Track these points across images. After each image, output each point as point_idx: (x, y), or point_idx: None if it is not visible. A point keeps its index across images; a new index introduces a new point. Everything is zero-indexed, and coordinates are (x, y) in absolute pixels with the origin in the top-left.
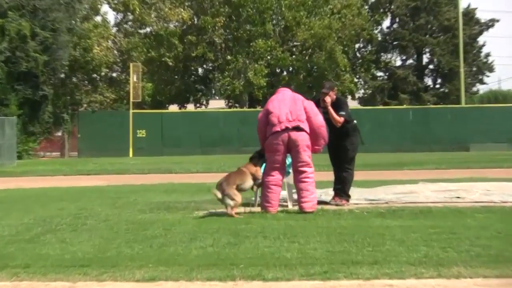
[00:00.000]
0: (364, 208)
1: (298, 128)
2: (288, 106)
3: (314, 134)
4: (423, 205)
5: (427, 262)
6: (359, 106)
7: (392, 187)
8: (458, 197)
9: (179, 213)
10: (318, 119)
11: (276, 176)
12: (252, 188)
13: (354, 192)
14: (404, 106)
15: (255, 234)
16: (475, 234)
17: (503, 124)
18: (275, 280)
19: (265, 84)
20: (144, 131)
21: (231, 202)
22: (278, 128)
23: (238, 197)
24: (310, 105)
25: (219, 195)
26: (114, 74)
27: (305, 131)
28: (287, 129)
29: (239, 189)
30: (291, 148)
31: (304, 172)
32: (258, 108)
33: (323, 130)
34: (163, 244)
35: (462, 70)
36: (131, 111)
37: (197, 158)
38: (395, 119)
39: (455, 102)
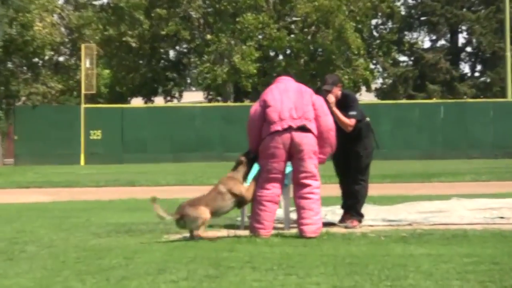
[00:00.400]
0: (381, 231)
1: (304, 129)
2: (292, 99)
3: (320, 139)
4: (456, 228)
5: None
6: (376, 100)
7: (417, 205)
8: (502, 217)
9: (144, 237)
10: (328, 120)
11: (272, 190)
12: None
13: (368, 210)
14: (434, 100)
15: (241, 265)
16: None
17: None
18: None
19: (255, 71)
20: (99, 131)
21: (194, 223)
22: (278, 127)
23: (204, 213)
24: (320, 102)
25: (167, 216)
26: (61, 59)
27: (313, 133)
28: (290, 129)
29: (217, 215)
30: (293, 153)
31: (307, 186)
32: (247, 103)
33: (332, 135)
34: (124, 277)
35: (508, 54)
36: (82, 106)
37: (167, 167)
38: (423, 116)
39: (499, 95)
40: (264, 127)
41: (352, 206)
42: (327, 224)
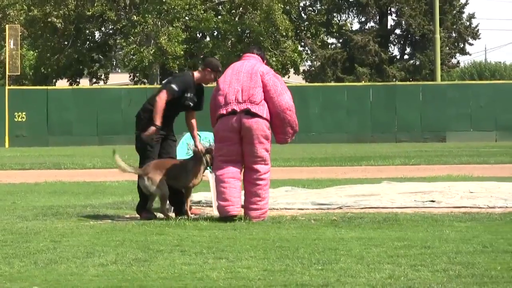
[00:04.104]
0: (311, 215)
1: (249, 113)
2: (241, 81)
3: (278, 120)
4: (387, 211)
5: (392, 284)
6: (304, 83)
7: (347, 188)
8: (433, 201)
9: (71, 220)
10: (283, 100)
11: (231, 168)
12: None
13: (298, 193)
14: (363, 83)
15: (170, 248)
16: (455, 249)
17: (490, 106)
18: None
19: (182, 52)
20: (24, 113)
21: (156, 190)
22: (223, 111)
23: (165, 188)
24: (273, 81)
25: (129, 169)
26: None
27: (260, 117)
28: (236, 113)
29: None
30: (244, 138)
31: (257, 171)
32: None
33: (290, 114)
34: (52, 261)
35: (437, 36)
36: (6, 87)
37: (93, 150)
38: (351, 99)
39: (428, 78)
40: (214, 110)
41: None
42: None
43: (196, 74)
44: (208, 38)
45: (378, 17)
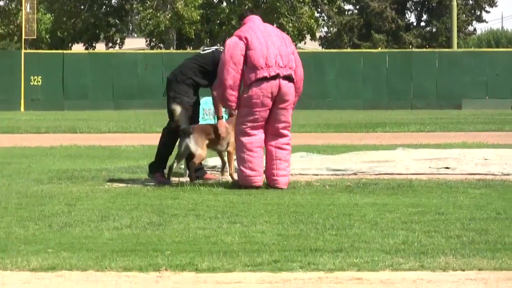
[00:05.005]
0: (325, 181)
1: (289, 78)
2: (276, 45)
3: (294, 88)
4: (402, 178)
5: (406, 250)
6: (320, 49)
7: (362, 154)
8: (447, 168)
9: (86, 184)
10: (301, 69)
11: (259, 135)
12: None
13: (313, 159)
14: (379, 50)
15: (185, 212)
16: (468, 215)
17: (506, 74)
18: (211, 271)
19: (198, 18)
20: (39, 77)
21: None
22: (265, 73)
23: (204, 151)
24: (296, 51)
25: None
26: (1, 3)
27: (294, 83)
28: (277, 77)
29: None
30: (276, 103)
31: (285, 136)
32: (189, 50)
33: (302, 84)
34: (66, 224)
35: (454, 3)
36: (23, 51)
37: (109, 114)
38: (367, 66)
39: (445, 45)
40: (246, 72)
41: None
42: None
43: None
44: (224, 4)
45: None
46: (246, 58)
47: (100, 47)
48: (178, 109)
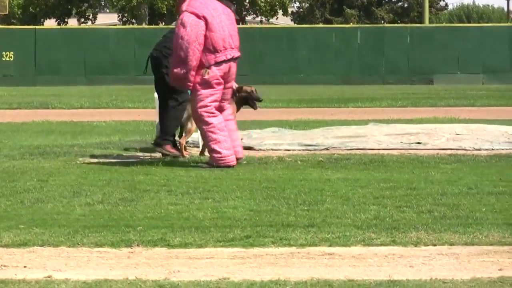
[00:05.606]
0: (297, 156)
1: (236, 59)
2: (227, 25)
3: None
4: (373, 153)
5: (378, 225)
6: (292, 24)
7: (334, 130)
8: (419, 143)
9: (58, 160)
10: None
11: (222, 114)
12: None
13: (285, 134)
14: (351, 25)
15: (157, 188)
16: (440, 190)
17: (477, 49)
18: (183, 246)
19: None
20: (11, 53)
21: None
22: (224, 57)
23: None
24: None
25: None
26: None
27: None
28: (232, 59)
29: None
30: (224, 82)
31: (229, 110)
32: (161, 26)
33: None
34: (38, 200)
35: None
36: None
37: (81, 90)
38: (339, 41)
39: (416, 20)
40: (203, 53)
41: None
42: (244, 148)
43: None
44: None
45: None
46: (204, 39)
47: (72, 22)
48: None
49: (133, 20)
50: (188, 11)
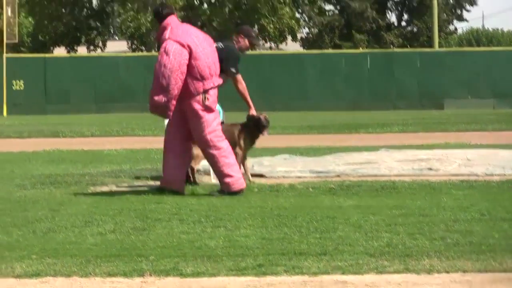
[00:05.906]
0: (309, 183)
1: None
2: (210, 53)
3: None
4: (385, 179)
5: (390, 252)
6: (301, 50)
7: (345, 156)
8: (431, 169)
9: (69, 189)
10: None
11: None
12: None
13: (296, 161)
14: (361, 50)
15: (168, 217)
16: (452, 217)
17: (487, 74)
18: (195, 275)
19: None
20: (21, 82)
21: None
22: (211, 84)
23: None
24: None
25: None
26: None
27: None
28: (217, 86)
29: None
30: None
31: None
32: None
33: None
34: (50, 229)
35: (435, 2)
36: (4, 55)
37: (91, 118)
38: (349, 66)
39: (426, 45)
40: (191, 81)
41: None
42: (254, 176)
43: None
44: (205, 5)
45: None
46: (189, 68)
47: (82, 50)
48: None
49: (143, 47)
50: (171, 39)
